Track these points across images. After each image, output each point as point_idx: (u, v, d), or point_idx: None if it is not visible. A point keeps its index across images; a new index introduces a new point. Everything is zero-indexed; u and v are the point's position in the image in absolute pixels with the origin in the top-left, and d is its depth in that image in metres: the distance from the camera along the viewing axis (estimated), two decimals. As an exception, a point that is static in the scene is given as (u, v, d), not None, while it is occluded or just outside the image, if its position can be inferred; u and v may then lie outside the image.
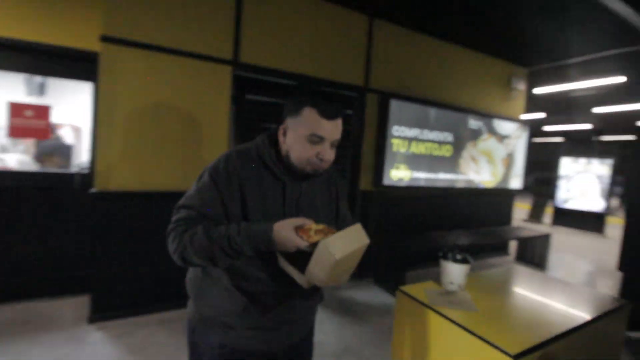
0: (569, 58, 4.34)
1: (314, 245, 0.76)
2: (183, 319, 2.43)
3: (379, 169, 3.39)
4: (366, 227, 0.96)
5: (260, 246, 0.79)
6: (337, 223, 1.06)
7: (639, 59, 4.30)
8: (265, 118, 2.90)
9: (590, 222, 7.55)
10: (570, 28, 3.40)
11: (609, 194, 7.46)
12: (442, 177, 3.84)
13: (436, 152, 3.75)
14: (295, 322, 0.98)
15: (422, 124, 3.59)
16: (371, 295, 3.10)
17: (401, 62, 3.54)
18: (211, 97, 2.59)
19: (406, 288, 1.03)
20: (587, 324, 1.01)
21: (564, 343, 0.90)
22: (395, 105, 3.35)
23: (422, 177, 3.67)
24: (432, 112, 3.66)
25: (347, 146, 3.37)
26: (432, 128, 3.68)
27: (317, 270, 0.76)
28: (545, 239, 4.36)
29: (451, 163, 3.90)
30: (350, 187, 3.41)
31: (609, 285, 3.97)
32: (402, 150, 3.48)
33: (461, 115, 3.91)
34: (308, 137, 0.87)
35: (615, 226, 8.37)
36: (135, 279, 2.42)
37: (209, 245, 0.79)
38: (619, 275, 4.45)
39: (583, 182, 7.79)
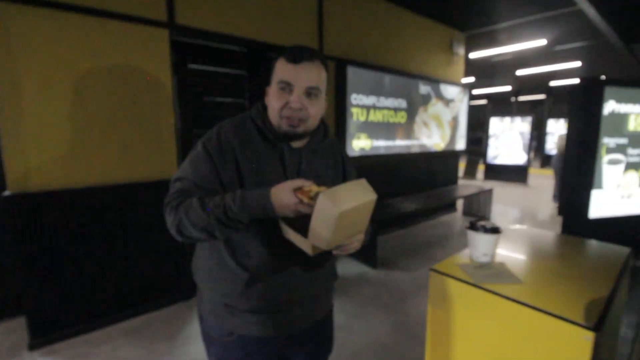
0: (499, 22, 4.59)
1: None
2: (151, 324, 2.18)
3: (340, 139, 3.29)
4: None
5: (257, 212, 0.73)
6: None
7: (559, 23, 4.72)
8: (214, 89, 2.56)
9: (515, 174, 8.53)
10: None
11: (529, 149, 8.44)
12: (399, 144, 3.89)
13: (392, 119, 3.75)
14: (301, 303, 0.89)
15: (378, 91, 3.54)
16: (344, 267, 3.09)
17: (353, 27, 3.37)
18: (148, 68, 2.17)
19: (438, 266, 0.94)
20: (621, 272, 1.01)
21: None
22: (352, 72, 3.22)
23: (382, 145, 3.67)
24: (387, 78, 3.61)
25: (306, 118, 3.18)
26: (387, 95, 3.65)
27: (320, 229, 0.69)
28: (488, 193, 4.77)
29: (406, 129, 3.96)
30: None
31: (545, 224, 4.54)
32: (362, 119, 3.41)
33: (413, 81, 3.94)
34: (277, 87, 0.81)
35: (535, 176, 9.61)
36: (82, 288, 2.04)
37: (205, 217, 0.74)
38: (548, 214, 5.05)
39: (508, 140, 8.69)
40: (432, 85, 4.23)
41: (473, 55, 6.04)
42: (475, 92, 12.31)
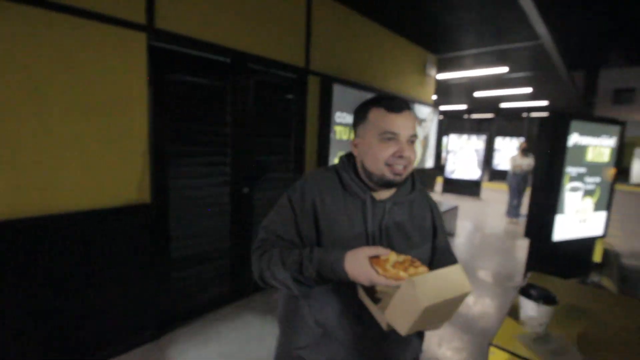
0: (467, 49, 4.86)
1: (394, 282, 0.65)
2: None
3: (323, 158, 3.19)
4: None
5: (331, 276, 0.71)
6: (434, 258, 0.93)
7: (515, 53, 5.12)
8: (193, 102, 2.32)
9: (470, 188, 9.09)
10: (474, 24, 3.75)
11: (483, 164, 9.06)
12: (377, 162, 3.90)
13: (372, 138, 3.75)
14: None
15: (360, 110, 3.50)
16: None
17: (339, 43, 3.32)
18: (120, 76, 1.89)
19: (497, 341, 0.87)
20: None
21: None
22: (337, 90, 3.15)
23: (362, 163, 3.64)
24: (368, 97, 3.59)
25: (289, 135, 3.04)
26: (368, 113, 3.63)
27: (400, 313, 0.64)
28: (454, 210, 4.98)
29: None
30: (297, 178, 3.12)
31: (503, 240, 4.85)
32: (344, 137, 3.35)
33: (391, 100, 3.98)
34: (380, 137, 0.81)
35: (486, 189, 10.34)
36: (29, 337, 1.69)
37: (283, 272, 0.76)
38: (503, 229, 5.34)
39: (464, 156, 9.26)
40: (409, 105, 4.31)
41: (439, 76, 6.33)
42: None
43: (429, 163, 5.07)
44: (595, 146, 3.14)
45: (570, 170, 3.04)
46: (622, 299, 1.35)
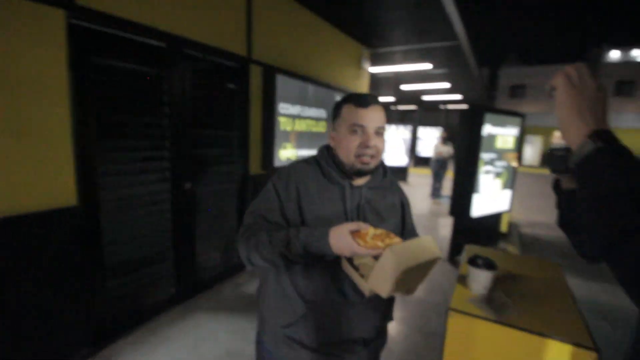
0: (398, 45, 5.21)
1: (373, 251, 0.74)
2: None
3: (268, 150, 3.16)
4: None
5: (317, 251, 0.78)
6: (404, 236, 1.03)
7: (437, 52, 5.66)
8: (128, 93, 2.09)
9: (399, 174, 9.87)
10: (404, 22, 4.05)
11: (410, 152, 9.90)
12: (319, 153, 4.00)
13: (315, 129, 3.82)
14: (355, 341, 0.95)
15: (302, 101, 3.54)
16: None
17: (280, 34, 3.27)
18: (33, 58, 1.61)
19: (455, 305, 1.00)
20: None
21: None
22: (281, 81, 3.12)
23: (306, 154, 3.70)
24: (310, 88, 3.65)
25: (232, 126, 2.93)
26: (310, 105, 3.69)
27: (380, 279, 0.74)
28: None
29: (326, 139, 4.09)
30: (242, 171, 3.04)
31: (432, 218, 5.41)
32: (288, 128, 3.36)
33: (330, 92, 4.09)
34: (349, 129, 0.90)
35: (412, 174, 11.32)
36: None
37: (271, 250, 0.82)
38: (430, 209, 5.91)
39: (393, 144, 9.98)
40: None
41: (371, 70, 6.67)
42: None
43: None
44: (503, 135, 3.69)
45: (484, 155, 3.53)
46: (527, 258, 1.67)
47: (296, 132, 3.50)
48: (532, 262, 1.49)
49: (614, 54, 21.51)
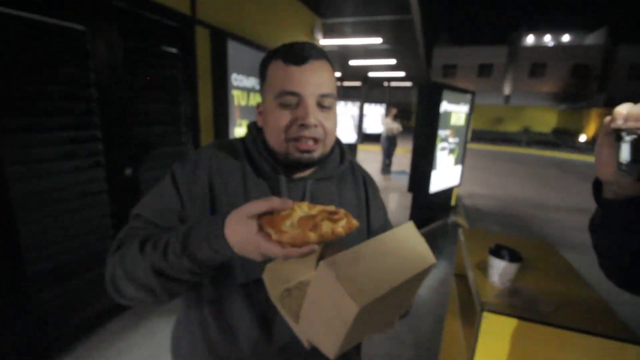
0: (349, 16, 5.01)
1: (296, 251, 0.43)
2: None
3: (221, 127, 2.80)
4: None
5: (206, 254, 0.49)
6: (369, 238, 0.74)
7: (387, 26, 5.59)
8: (42, 55, 1.59)
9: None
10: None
11: (358, 128, 9.99)
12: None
13: (270, 104, 3.51)
14: None
15: (256, 73, 3.18)
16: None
17: (229, -9, 2.84)
18: None
19: (488, 305, 0.90)
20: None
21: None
22: (232, 48, 2.73)
23: (263, 132, 3.40)
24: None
25: (177, 100, 2.51)
26: (264, 77, 3.35)
27: (319, 324, 0.42)
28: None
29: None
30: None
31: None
32: (243, 103, 3.01)
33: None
34: (278, 100, 0.61)
35: (361, 151, 11.53)
36: None
37: (142, 265, 0.52)
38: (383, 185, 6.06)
39: (342, 121, 9.96)
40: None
41: (322, 42, 6.38)
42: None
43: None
44: (457, 112, 3.81)
45: (440, 132, 3.61)
46: (524, 240, 1.63)
47: (251, 108, 3.16)
48: (529, 243, 1.44)
49: (530, 39, 24.03)
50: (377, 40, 5.95)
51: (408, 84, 15.77)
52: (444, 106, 3.52)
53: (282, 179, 0.65)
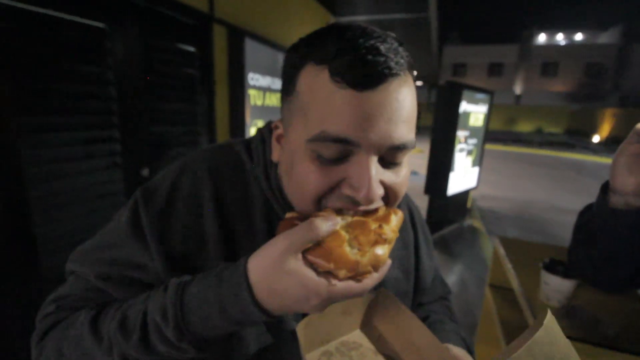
0: (364, 14, 4.92)
1: (370, 281, 0.34)
2: None
3: (239, 128, 2.75)
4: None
5: (222, 331, 0.34)
6: (415, 299, 0.60)
7: (401, 26, 5.49)
8: (59, 52, 1.55)
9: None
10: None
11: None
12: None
13: (285, 104, 3.45)
14: None
15: (272, 72, 3.13)
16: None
17: (246, -12, 2.78)
18: None
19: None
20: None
21: None
22: (250, 47, 2.68)
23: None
24: (280, 57, 3.23)
25: (195, 99, 2.46)
26: (279, 76, 3.29)
27: None
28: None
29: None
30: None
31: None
32: (259, 103, 2.95)
33: (300, 62, 3.71)
34: (316, 146, 0.37)
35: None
36: None
37: (97, 354, 0.37)
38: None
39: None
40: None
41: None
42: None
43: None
44: (475, 112, 3.70)
45: (459, 133, 3.52)
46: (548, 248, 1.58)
47: (267, 108, 3.11)
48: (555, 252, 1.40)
49: (541, 37, 23.64)
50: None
51: (418, 83, 15.54)
52: (464, 106, 3.43)
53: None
